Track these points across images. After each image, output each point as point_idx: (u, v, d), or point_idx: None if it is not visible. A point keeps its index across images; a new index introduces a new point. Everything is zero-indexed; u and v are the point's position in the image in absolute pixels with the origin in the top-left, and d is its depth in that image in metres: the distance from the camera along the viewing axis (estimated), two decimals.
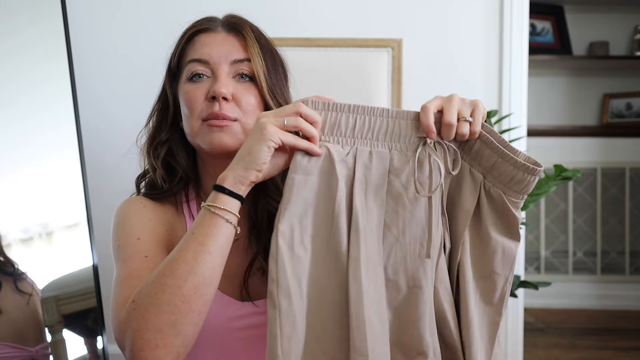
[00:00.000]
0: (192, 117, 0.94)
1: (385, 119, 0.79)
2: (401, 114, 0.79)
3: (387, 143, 0.79)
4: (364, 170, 0.78)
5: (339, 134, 0.78)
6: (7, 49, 1.53)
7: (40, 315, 1.51)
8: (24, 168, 1.55)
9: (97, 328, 1.65)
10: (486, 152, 0.80)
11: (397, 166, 0.79)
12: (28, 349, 1.45)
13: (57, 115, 1.61)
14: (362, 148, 0.78)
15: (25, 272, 1.49)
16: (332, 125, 0.78)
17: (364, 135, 0.78)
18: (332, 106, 0.78)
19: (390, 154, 0.79)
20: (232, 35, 0.97)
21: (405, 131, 0.79)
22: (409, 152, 0.79)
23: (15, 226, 1.51)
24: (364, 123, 0.78)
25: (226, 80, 0.93)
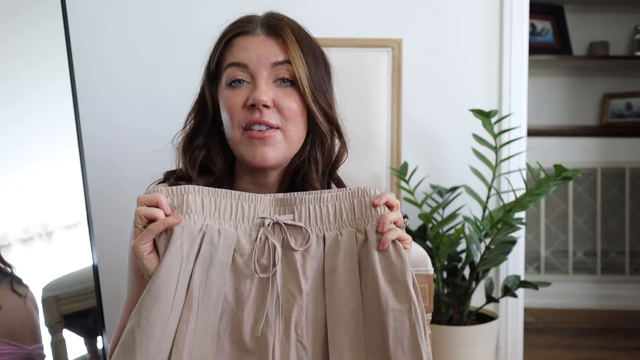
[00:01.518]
0: (233, 126, 0.92)
1: (229, 200, 0.82)
2: (244, 197, 0.82)
3: (232, 222, 0.82)
4: (210, 247, 0.80)
5: (189, 212, 0.80)
6: (7, 48, 1.52)
7: (35, 316, 1.51)
8: (24, 168, 1.54)
9: (97, 328, 1.65)
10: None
11: (243, 245, 0.81)
12: (25, 347, 1.46)
13: (57, 114, 1.61)
14: (211, 225, 0.81)
15: (21, 277, 1.49)
16: (180, 205, 0.80)
17: (212, 214, 0.81)
18: (177, 190, 0.81)
19: (236, 234, 0.82)
20: (271, 38, 0.94)
21: (248, 212, 0.82)
22: (252, 233, 0.82)
23: (15, 226, 1.51)
24: (210, 203, 0.81)
25: (266, 86, 0.91)
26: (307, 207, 0.83)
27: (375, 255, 0.81)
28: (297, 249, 0.82)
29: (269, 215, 0.83)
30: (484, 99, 2.11)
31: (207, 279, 0.79)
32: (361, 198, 0.84)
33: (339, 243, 0.82)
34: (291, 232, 0.82)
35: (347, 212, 0.84)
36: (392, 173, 1.96)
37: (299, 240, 0.82)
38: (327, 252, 0.83)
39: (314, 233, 0.83)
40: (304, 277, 0.82)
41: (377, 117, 1.97)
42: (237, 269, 0.81)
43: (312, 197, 0.84)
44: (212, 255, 0.80)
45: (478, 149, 1.92)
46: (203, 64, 1.02)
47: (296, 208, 0.83)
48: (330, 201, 0.84)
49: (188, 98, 1.06)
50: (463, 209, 2.06)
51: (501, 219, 1.73)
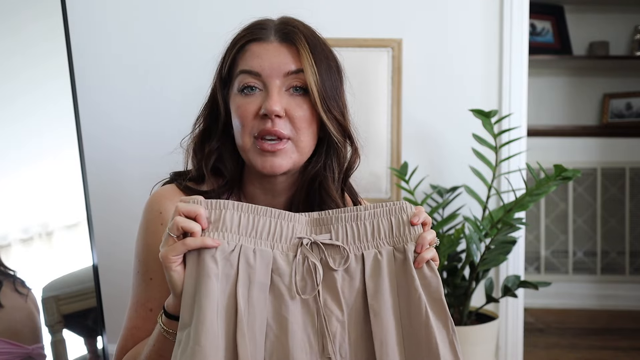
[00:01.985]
0: (244, 133, 0.92)
1: (268, 219, 0.80)
2: (283, 215, 0.80)
3: (269, 242, 0.80)
4: (247, 268, 0.78)
5: (224, 230, 0.78)
6: (7, 48, 1.52)
7: (36, 316, 1.51)
8: (24, 168, 1.54)
9: (97, 328, 1.65)
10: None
11: (280, 266, 0.79)
12: (25, 346, 1.46)
13: (56, 114, 1.61)
14: (246, 245, 0.78)
15: (23, 279, 1.49)
16: (217, 221, 0.78)
17: (248, 232, 0.79)
18: (216, 204, 0.78)
19: (272, 253, 0.79)
20: (285, 45, 0.93)
21: (287, 232, 0.80)
22: (290, 253, 0.80)
23: (15, 226, 1.51)
24: (247, 221, 0.79)
25: (278, 96, 0.90)
26: (344, 226, 0.82)
27: (416, 275, 0.81)
28: (336, 268, 0.80)
29: (306, 235, 0.81)
30: (484, 99, 2.11)
31: (249, 303, 0.77)
32: (399, 215, 0.83)
33: (380, 263, 0.81)
34: (329, 252, 0.81)
35: (385, 230, 0.82)
36: (392, 173, 1.96)
37: (337, 260, 0.81)
38: (368, 273, 0.81)
39: (352, 252, 0.81)
40: (344, 297, 0.80)
41: (377, 117, 1.97)
42: (276, 290, 0.79)
43: (349, 215, 0.82)
44: (250, 277, 0.78)
45: (478, 149, 1.92)
46: (214, 66, 1.01)
47: (333, 227, 0.82)
48: (368, 219, 0.82)
49: (187, 99, 1.07)
50: (463, 209, 2.06)
51: (501, 219, 1.73)
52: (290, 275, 0.79)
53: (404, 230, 0.82)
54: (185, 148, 1.02)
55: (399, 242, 0.82)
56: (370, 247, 0.82)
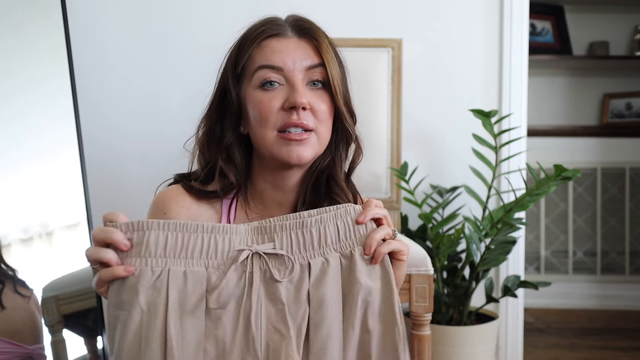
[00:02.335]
0: (265, 127, 0.92)
1: (200, 235, 0.74)
2: (217, 229, 0.75)
3: (202, 261, 0.74)
4: (179, 293, 0.72)
5: (148, 255, 0.72)
6: (6, 47, 1.52)
7: (37, 317, 1.51)
8: (24, 168, 1.54)
9: (97, 328, 1.65)
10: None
11: (215, 284, 0.74)
12: (25, 346, 1.46)
13: (56, 114, 1.61)
14: (174, 269, 0.73)
15: (24, 279, 1.49)
16: (140, 244, 0.73)
17: (177, 254, 0.73)
18: (138, 225, 0.73)
19: (207, 273, 0.74)
20: (304, 40, 0.95)
21: (222, 246, 0.75)
22: (226, 269, 0.75)
23: (15, 226, 1.51)
24: (175, 241, 0.73)
25: (303, 89, 0.92)
26: (288, 234, 0.77)
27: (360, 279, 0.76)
28: (280, 280, 0.75)
29: (246, 245, 0.76)
30: (484, 99, 2.11)
31: (182, 332, 0.72)
32: (344, 219, 0.79)
33: (326, 272, 0.76)
34: (273, 262, 0.76)
35: (332, 236, 0.78)
36: (392, 173, 1.96)
37: (282, 271, 0.76)
38: (312, 282, 0.76)
39: (298, 261, 0.77)
40: (289, 310, 0.75)
41: (377, 117, 1.97)
42: (211, 313, 0.73)
43: (294, 223, 0.77)
44: (181, 303, 0.72)
45: (478, 149, 1.92)
46: (215, 66, 1.01)
47: (277, 235, 0.77)
48: (314, 226, 0.78)
49: (188, 98, 1.06)
50: (463, 209, 2.06)
51: (501, 219, 1.73)
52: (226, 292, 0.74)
53: (351, 234, 0.79)
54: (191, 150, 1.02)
55: (345, 247, 0.78)
56: (316, 255, 0.77)
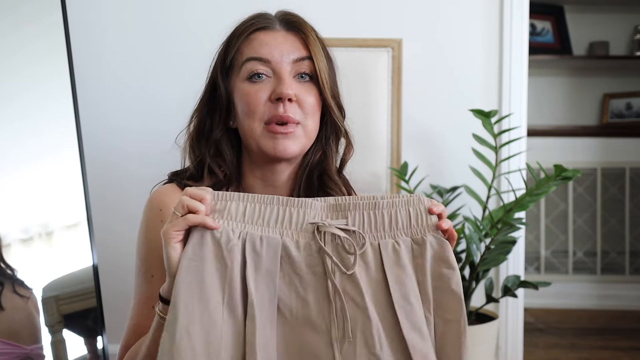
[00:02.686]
0: (252, 119, 0.93)
1: (276, 206, 0.78)
2: (292, 202, 0.78)
3: (278, 229, 0.78)
4: (253, 255, 0.76)
5: (229, 218, 0.77)
6: (6, 46, 1.52)
7: (35, 317, 1.51)
8: (24, 168, 1.54)
9: (97, 328, 1.65)
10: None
11: (290, 253, 0.77)
12: (24, 347, 1.46)
13: (56, 114, 1.61)
14: (252, 232, 0.77)
15: (23, 279, 1.49)
16: (222, 210, 0.77)
17: (255, 220, 0.77)
18: (222, 195, 0.77)
19: (282, 240, 0.77)
20: (291, 34, 0.96)
21: (297, 218, 0.78)
22: (300, 240, 0.78)
23: (15, 226, 1.51)
24: (253, 210, 0.77)
25: (290, 80, 0.92)
26: (361, 213, 0.79)
27: (431, 267, 0.79)
28: (352, 252, 0.78)
29: (320, 220, 0.78)
30: (484, 99, 2.11)
31: (256, 289, 0.75)
32: (416, 206, 0.80)
33: (399, 254, 0.78)
34: (345, 239, 0.78)
35: (403, 221, 0.80)
36: (392, 173, 1.96)
37: (354, 247, 0.78)
38: (389, 263, 0.78)
39: (369, 240, 0.79)
40: (363, 283, 0.77)
41: (377, 117, 1.97)
42: (286, 278, 0.77)
43: (367, 203, 0.79)
44: (256, 265, 0.76)
45: (478, 149, 1.92)
46: (209, 60, 1.01)
47: (350, 213, 0.79)
48: (386, 208, 0.79)
49: (187, 98, 1.05)
50: (463, 209, 2.06)
51: (501, 219, 1.73)
52: (300, 261, 0.77)
53: (422, 221, 0.80)
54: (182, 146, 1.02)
55: (416, 233, 0.80)
56: (387, 237, 0.79)
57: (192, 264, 0.75)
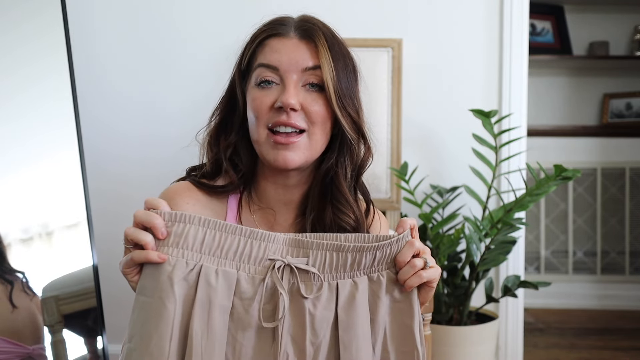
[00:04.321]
0: (258, 125, 0.93)
1: (237, 237, 0.75)
2: (255, 234, 0.76)
3: (235, 263, 0.75)
4: (207, 289, 0.73)
5: (185, 247, 0.74)
6: (5, 44, 1.52)
7: (38, 317, 1.51)
8: (24, 168, 1.54)
9: (97, 328, 1.65)
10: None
11: (243, 289, 0.75)
12: (26, 346, 1.46)
13: (55, 112, 1.61)
14: (207, 265, 0.74)
15: (27, 279, 1.49)
16: (179, 236, 0.74)
17: (212, 251, 0.75)
18: (181, 217, 0.74)
19: (237, 275, 0.75)
20: (304, 42, 0.95)
21: (257, 252, 0.76)
22: (256, 276, 0.76)
23: (15, 226, 1.51)
24: (213, 239, 0.74)
25: (295, 90, 0.91)
26: (323, 254, 0.78)
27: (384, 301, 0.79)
28: (307, 296, 0.76)
29: (280, 256, 0.77)
30: (484, 99, 2.11)
31: (208, 326, 0.73)
32: (384, 249, 0.79)
33: (355, 296, 0.77)
34: (302, 278, 0.77)
35: (366, 263, 0.79)
36: (392, 173, 1.96)
37: (310, 288, 0.77)
38: (342, 304, 0.77)
39: (327, 280, 0.78)
40: (311, 328, 0.76)
41: (377, 117, 1.96)
42: (235, 315, 0.75)
43: (331, 245, 0.78)
44: (210, 299, 0.73)
45: (478, 149, 1.92)
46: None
47: (312, 252, 0.78)
48: (351, 252, 0.78)
49: (187, 98, 1.07)
50: (463, 209, 2.06)
51: (501, 219, 1.73)
52: (252, 299, 0.75)
53: (383, 261, 0.80)
54: (201, 142, 1.02)
55: (374, 271, 0.79)
56: (345, 277, 0.78)
57: (141, 299, 0.74)
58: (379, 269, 0.80)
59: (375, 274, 0.79)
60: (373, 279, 0.79)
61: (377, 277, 0.79)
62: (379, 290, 0.79)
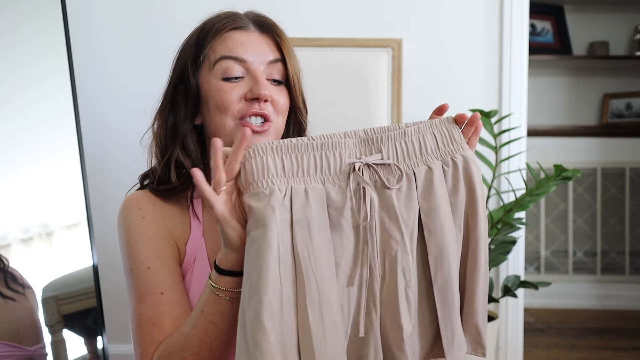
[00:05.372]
0: (225, 115, 0.94)
1: (312, 153, 0.78)
2: (326, 145, 0.79)
3: (319, 177, 0.78)
4: (302, 209, 0.76)
5: (272, 176, 0.76)
6: (5, 44, 1.52)
7: (37, 315, 1.51)
8: (24, 168, 1.54)
9: (97, 328, 1.65)
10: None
11: (334, 199, 0.78)
12: (26, 348, 1.45)
13: (56, 112, 1.61)
14: (296, 186, 0.76)
15: (23, 276, 1.49)
16: (261, 169, 0.76)
17: (296, 173, 0.77)
18: (254, 152, 0.77)
19: (325, 188, 0.78)
20: (265, 36, 0.98)
21: (334, 162, 0.79)
22: (342, 184, 0.78)
23: (15, 226, 1.51)
24: (291, 161, 0.77)
25: (265, 81, 0.95)
26: (393, 144, 0.81)
27: (462, 187, 0.82)
28: (391, 187, 0.79)
29: (356, 157, 0.80)
30: (484, 99, 2.11)
31: (312, 243, 0.75)
32: (440, 129, 0.83)
33: (432, 180, 0.80)
34: (382, 172, 0.79)
35: (431, 145, 0.82)
36: None
37: (391, 180, 0.80)
38: (420, 191, 0.80)
39: (404, 170, 0.80)
40: (402, 218, 0.79)
41: (377, 117, 1.96)
42: (335, 225, 0.77)
43: (396, 133, 0.81)
44: (307, 218, 0.75)
45: (478, 149, 1.92)
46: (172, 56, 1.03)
47: (383, 146, 0.80)
48: (414, 135, 0.81)
49: None
50: None
51: (501, 219, 1.73)
52: (344, 206, 0.77)
53: (448, 142, 0.83)
54: (149, 146, 1.03)
55: (445, 154, 0.82)
56: (420, 164, 0.81)
57: (250, 234, 0.75)
58: (449, 151, 0.83)
59: (449, 157, 0.82)
60: (447, 163, 0.82)
61: (450, 160, 0.82)
62: (457, 172, 0.82)
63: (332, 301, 0.74)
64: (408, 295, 0.78)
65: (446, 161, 0.82)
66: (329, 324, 0.73)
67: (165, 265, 0.94)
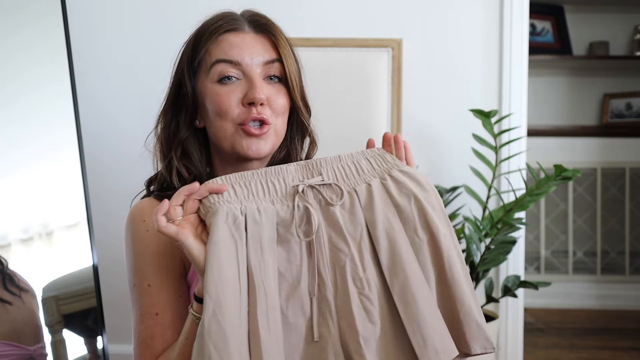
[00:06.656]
0: (224, 121, 0.94)
1: (258, 180, 0.85)
2: (270, 173, 0.85)
3: (268, 199, 0.84)
4: (255, 226, 0.81)
5: (228, 202, 0.82)
6: (6, 48, 1.52)
7: (37, 315, 1.51)
8: (24, 168, 1.54)
9: (97, 328, 1.65)
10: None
11: (283, 217, 0.83)
12: (26, 347, 1.45)
13: (57, 114, 1.61)
14: (250, 206, 0.82)
15: (23, 276, 1.48)
16: (217, 197, 0.82)
17: (247, 196, 0.83)
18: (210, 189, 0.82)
19: (274, 208, 0.84)
20: (261, 36, 0.97)
21: (280, 186, 0.85)
22: (290, 204, 0.84)
23: (15, 226, 1.51)
24: (241, 188, 0.84)
25: (261, 84, 0.94)
26: (331, 168, 0.87)
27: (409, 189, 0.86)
28: (334, 204, 0.84)
29: (299, 181, 0.85)
30: (484, 99, 2.11)
31: (263, 259, 0.80)
32: (373, 154, 0.89)
33: (372, 193, 0.86)
34: (325, 191, 0.85)
35: (367, 167, 0.88)
36: None
37: (334, 198, 0.85)
38: (364, 205, 0.85)
39: (345, 189, 0.86)
40: (347, 231, 0.84)
41: (377, 117, 1.97)
42: (283, 241, 0.83)
43: (333, 159, 0.88)
44: (260, 234, 0.81)
45: (478, 149, 1.92)
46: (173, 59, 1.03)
47: (323, 170, 0.87)
48: (349, 159, 0.88)
49: None
50: (463, 209, 2.06)
51: (501, 219, 1.73)
52: (292, 223, 0.83)
53: (382, 163, 0.89)
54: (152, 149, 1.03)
55: (383, 172, 0.88)
56: (360, 183, 0.87)
57: (209, 247, 0.79)
58: (385, 170, 0.88)
59: (385, 174, 0.88)
60: (384, 178, 0.87)
61: (387, 176, 0.88)
62: (397, 182, 0.87)
63: (277, 310, 0.79)
64: (363, 302, 0.82)
65: (384, 177, 0.87)
66: (275, 332, 0.78)
67: (165, 282, 0.95)
